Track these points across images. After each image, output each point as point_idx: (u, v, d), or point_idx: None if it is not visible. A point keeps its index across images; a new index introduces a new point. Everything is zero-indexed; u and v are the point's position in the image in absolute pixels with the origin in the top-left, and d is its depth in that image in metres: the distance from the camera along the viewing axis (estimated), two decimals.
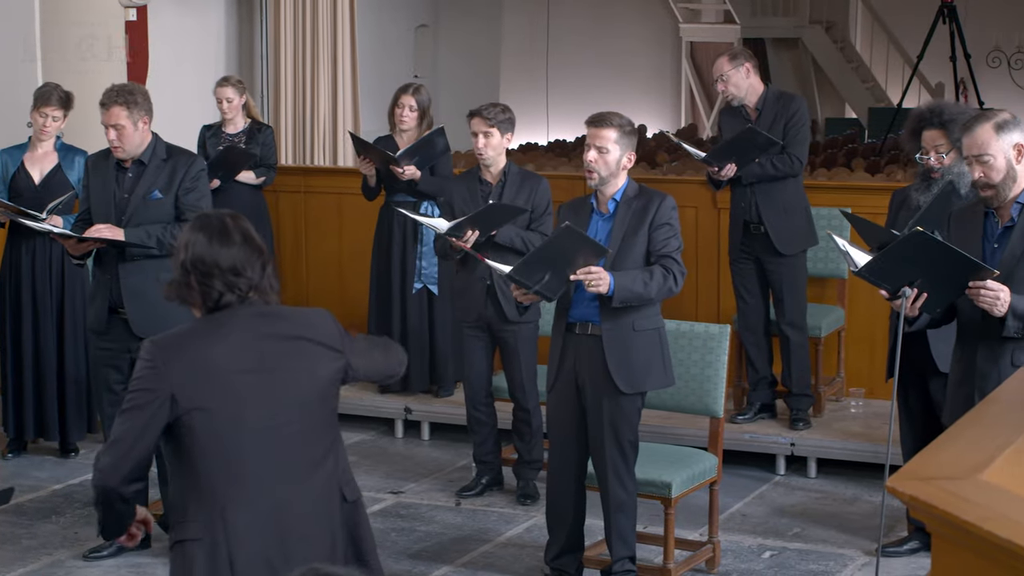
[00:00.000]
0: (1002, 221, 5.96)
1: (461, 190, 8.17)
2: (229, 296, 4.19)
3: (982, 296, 5.75)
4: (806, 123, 8.92)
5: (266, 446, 4.17)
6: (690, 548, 7.28)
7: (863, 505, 8.21)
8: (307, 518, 4.21)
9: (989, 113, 5.96)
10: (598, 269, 6.40)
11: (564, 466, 6.83)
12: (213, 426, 4.15)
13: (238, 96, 10.12)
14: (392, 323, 9.53)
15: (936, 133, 7.06)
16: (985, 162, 5.83)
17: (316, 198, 10.86)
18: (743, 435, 8.82)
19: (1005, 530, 2.97)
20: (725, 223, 9.35)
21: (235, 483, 4.15)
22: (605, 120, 6.63)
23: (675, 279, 6.59)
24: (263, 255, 4.27)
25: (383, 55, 16.63)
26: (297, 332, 4.27)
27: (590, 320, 6.61)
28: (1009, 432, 3.63)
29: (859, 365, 9.52)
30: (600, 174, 6.59)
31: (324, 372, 4.27)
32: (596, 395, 6.63)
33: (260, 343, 4.20)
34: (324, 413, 4.30)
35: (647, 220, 6.59)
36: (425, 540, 7.75)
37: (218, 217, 4.28)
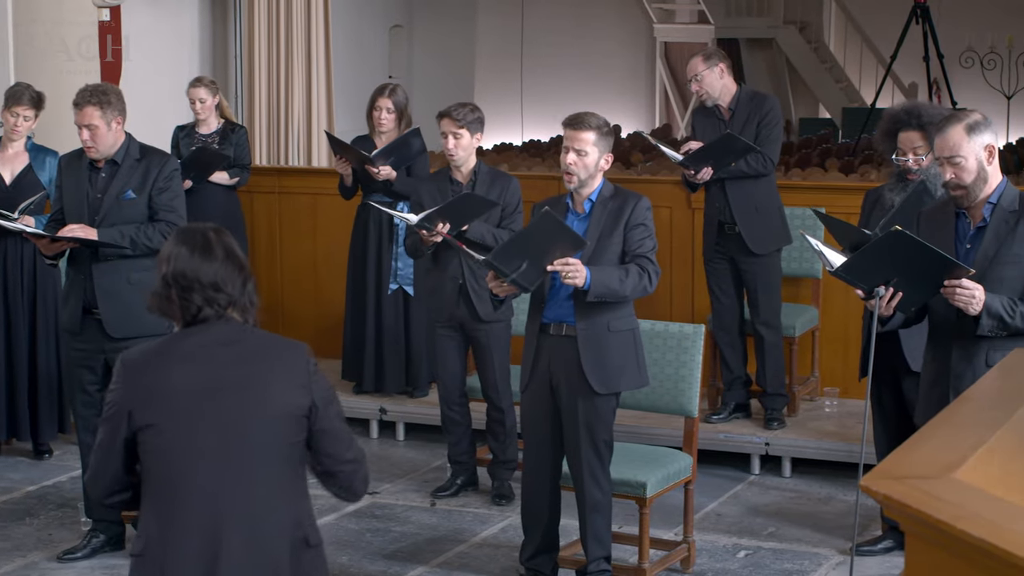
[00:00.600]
0: (974, 222, 5.98)
1: (431, 190, 8.17)
2: (208, 311, 4.15)
3: (958, 295, 5.77)
4: (779, 123, 8.93)
5: (214, 472, 4.07)
6: (665, 548, 7.29)
7: (837, 504, 8.23)
8: (248, 551, 4.07)
9: (960, 114, 5.98)
10: (575, 261, 6.40)
11: (539, 466, 6.83)
12: (163, 446, 4.09)
13: (211, 97, 10.10)
14: (367, 324, 9.52)
15: (915, 135, 7.06)
16: (957, 163, 5.85)
17: (290, 198, 10.85)
18: (718, 435, 8.83)
19: (978, 529, 2.98)
20: (700, 223, 9.36)
21: (178, 506, 4.07)
22: (583, 122, 6.62)
23: (650, 278, 6.60)
24: (244, 271, 4.22)
25: (357, 56, 16.62)
26: (261, 360, 4.15)
27: (565, 321, 6.61)
28: (982, 431, 3.64)
29: (833, 365, 9.54)
30: (579, 177, 6.58)
31: (283, 404, 4.12)
32: (571, 396, 6.63)
33: (222, 368, 4.12)
34: (282, 447, 4.13)
35: (622, 220, 6.60)
36: (400, 540, 7.74)
37: (202, 231, 4.23)
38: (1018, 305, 5.80)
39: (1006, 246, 5.88)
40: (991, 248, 5.89)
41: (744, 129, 8.71)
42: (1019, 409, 3.89)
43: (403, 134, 9.13)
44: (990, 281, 5.83)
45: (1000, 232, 5.90)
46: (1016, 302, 5.81)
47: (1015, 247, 5.87)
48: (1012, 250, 5.88)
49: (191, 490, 4.08)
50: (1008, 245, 5.88)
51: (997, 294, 5.81)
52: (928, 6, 17.47)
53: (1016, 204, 5.93)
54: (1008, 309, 5.79)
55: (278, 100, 14.31)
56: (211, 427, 4.08)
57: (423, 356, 9.57)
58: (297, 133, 14.31)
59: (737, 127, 8.73)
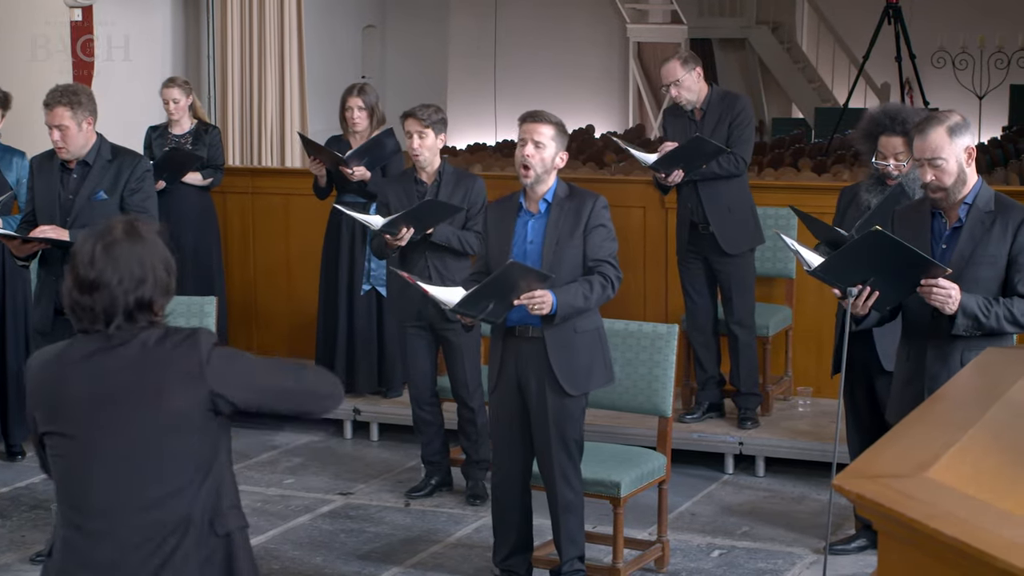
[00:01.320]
0: (950, 222, 5.99)
1: (397, 190, 8.17)
2: (91, 316, 4.07)
3: (934, 294, 5.78)
4: (750, 123, 8.94)
5: (112, 478, 4.00)
6: (639, 547, 7.29)
7: (811, 503, 8.25)
8: (155, 555, 4.00)
9: (942, 115, 5.96)
10: (542, 292, 6.37)
11: (509, 468, 6.82)
12: (62, 450, 4.05)
13: (184, 97, 10.08)
14: (339, 324, 9.51)
15: (898, 141, 7.05)
16: (938, 166, 5.86)
17: (263, 199, 10.83)
18: (691, 434, 8.84)
19: (951, 528, 2.99)
20: (673, 223, 9.37)
21: (80, 510, 4.03)
22: (541, 116, 6.61)
23: (612, 286, 6.59)
24: (139, 268, 4.10)
25: (330, 56, 16.60)
26: (156, 360, 4.02)
27: (530, 323, 6.60)
28: (954, 430, 3.65)
29: (806, 364, 9.56)
30: (536, 170, 6.53)
31: (178, 406, 4.00)
32: (540, 396, 6.62)
33: (116, 372, 4.02)
34: (183, 447, 4.02)
35: (581, 222, 6.56)
36: (374, 541, 7.74)
37: (98, 234, 4.13)
38: (993, 305, 5.82)
39: (982, 246, 5.90)
40: (967, 248, 5.91)
41: (716, 129, 8.71)
42: (991, 408, 3.91)
43: (376, 134, 9.13)
44: (966, 281, 5.84)
45: (976, 233, 5.92)
46: (991, 302, 5.82)
47: (991, 248, 5.89)
48: (988, 251, 5.89)
49: (88, 494, 4.03)
50: (984, 246, 5.90)
51: (973, 294, 5.83)
52: (900, 6, 17.51)
53: (992, 204, 5.94)
54: (983, 309, 5.80)
55: (251, 100, 14.28)
56: (107, 431, 4.00)
57: (396, 356, 9.56)
58: (270, 133, 14.28)
59: (708, 127, 8.74)
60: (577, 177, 11.77)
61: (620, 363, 7.10)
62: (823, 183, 12.68)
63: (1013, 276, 5.87)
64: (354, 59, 17.81)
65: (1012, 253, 5.87)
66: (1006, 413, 3.95)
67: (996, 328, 5.81)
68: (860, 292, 5.91)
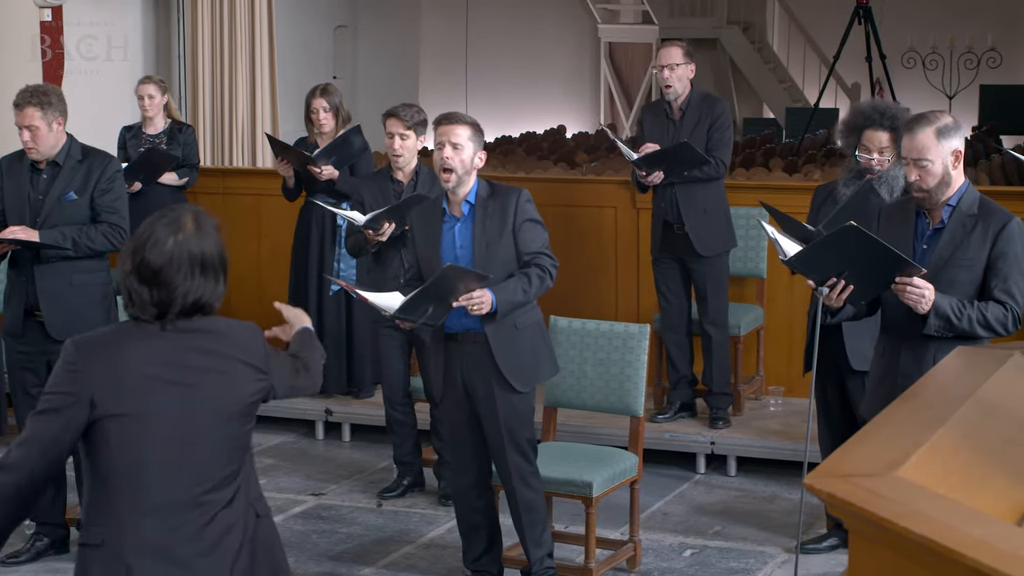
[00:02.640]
0: (933, 223, 5.99)
1: (372, 189, 8.17)
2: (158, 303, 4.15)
3: (908, 292, 5.79)
4: (730, 126, 8.94)
5: (175, 459, 4.08)
6: (611, 547, 7.30)
7: (782, 503, 8.27)
8: (210, 535, 4.10)
9: (931, 116, 5.94)
10: (480, 292, 6.35)
11: (466, 473, 6.82)
12: (125, 433, 4.06)
13: (160, 95, 10.06)
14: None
15: (884, 136, 7.03)
16: (923, 167, 5.85)
17: (234, 199, 10.81)
18: (663, 434, 8.85)
19: (921, 526, 3.00)
20: (644, 223, 9.39)
21: (139, 492, 4.07)
22: (456, 117, 6.57)
23: (550, 275, 6.56)
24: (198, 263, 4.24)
25: (301, 56, 16.58)
26: (223, 348, 4.17)
27: (471, 329, 6.58)
28: (924, 429, 3.66)
29: (778, 363, 9.58)
30: (457, 172, 6.48)
31: (245, 392, 4.17)
32: (488, 399, 6.60)
33: (184, 355, 4.11)
34: (239, 433, 4.19)
35: (509, 221, 6.52)
36: (346, 542, 7.73)
37: (175, 218, 4.28)
38: (966, 308, 5.82)
39: (961, 249, 5.89)
40: (946, 250, 5.91)
41: (695, 131, 8.71)
42: (961, 407, 3.92)
43: (343, 132, 9.12)
44: (943, 283, 5.85)
45: (956, 235, 5.91)
46: (965, 305, 5.82)
47: (970, 251, 5.88)
48: (967, 254, 5.88)
49: (151, 477, 4.08)
50: (963, 249, 5.89)
51: (948, 296, 5.84)
52: (870, 7, 17.57)
53: (975, 208, 5.93)
54: (956, 311, 5.80)
55: (222, 101, 14.25)
56: (175, 414, 4.08)
57: (367, 357, 9.55)
58: (241, 134, 14.26)
59: (687, 128, 8.73)
60: (549, 177, 11.82)
61: (592, 363, 7.11)
62: (794, 183, 12.70)
63: (990, 281, 5.87)
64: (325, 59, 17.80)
65: (991, 258, 5.86)
66: (976, 412, 3.97)
67: (968, 331, 5.81)
68: (835, 285, 5.92)
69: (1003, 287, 5.84)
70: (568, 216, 9.92)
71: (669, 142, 8.72)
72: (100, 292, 7.37)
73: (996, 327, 5.83)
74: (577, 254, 9.80)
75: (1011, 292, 5.85)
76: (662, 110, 8.90)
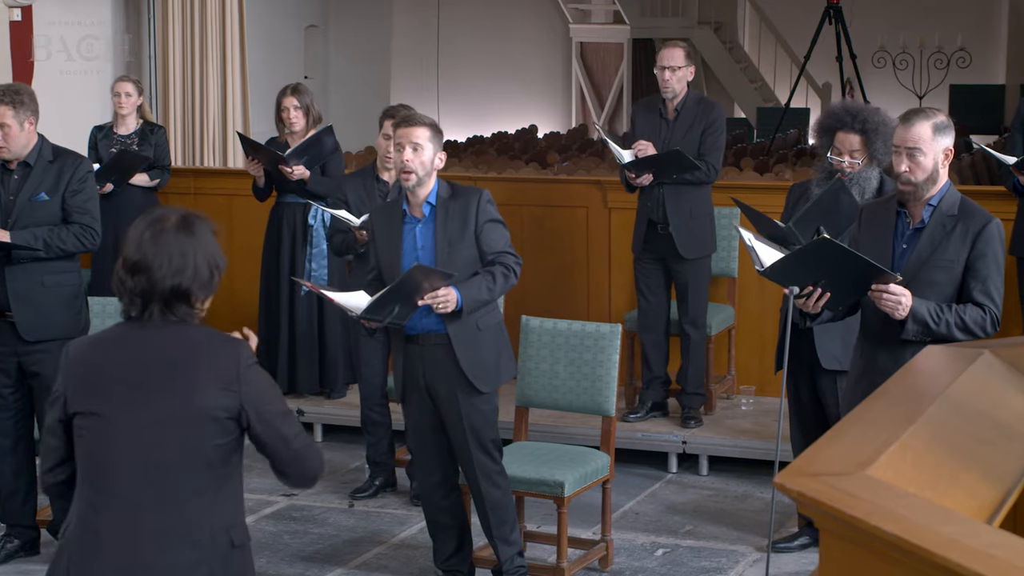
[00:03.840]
0: (913, 222, 5.99)
1: (357, 187, 8.16)
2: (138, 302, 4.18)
3: (884, 299, 5.79)
4: (724, 131, 8.93)
5: (138, 461, 4.09)
6: (583, 547, 7.31)
7: (754, 502, 8.28)
8: (164, 549, 4.08)
9: (929, 111, 5.96)
10: (445, 290, 6.36)
11: (431, 475, 6.82)
12: (94, 432, 4.13)
13: (136, 94, 10.04)
14: (280, 325, 9.49)
15: (855, 139, 7.04)
16: (915, 157, 5.83)
17: (206, 199, 10.78)
18: (635, 434, 8.86)
19: (890, 524, 3.01)
20: (616, 223, 9.40)
21: (106, 492, 4.11)
22: (415, 119, 6.57)
23: (515, 272, 6.57)
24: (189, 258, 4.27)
25: (272, 56, 16.55)
26: (193, 357, 4.15)
27: (431, 331, 6.58)
28: (895, 428, 3.67)
29: (749, 363, 9.60)
30: (418, 173, 6.46)
31: (208, 404, 4.10)
32: (451, 401, 6.61)
33: (154, 359, 4.13)
34: (207, 446, 4.11)
35: (470, 222, 6.52)
36: (318, 542, 7.72)
37: (161, 217, 4.30)
38: (944, 312, 5.81)
39: (940, 250, 5.89)
40: (925, 251, 5.91)
41: (688, 133, 8.71)
42: (931, 406, 3.94)
43: (315, 132, 9.12)
44: (921, 284, 5.85)
45: (936, 236, 5.91)
46: (943, 309, 5.82)
47: (949, 252, 5.87)
48: (946, 255, 5.88)
49: (113, 479, 4.11)
50: (942, 250, 5.89)
51: (927, 298, 5.82)
52: (841, 7, 17.63)
53: (955, 209, 5.92)
54: (934, 316, 5.80)
55: (193, 101, 14.22)
56: (136, 418, 4.10)
57: (339, 357, 9.55)
58: (212, 134, 14.23)
59: (681, 130, 8.72)
60: (520, 177, 11.82)
61: (564, 363, 7.12)
62: (765, 182, 12.73)
63: (969, 283, 5.86)
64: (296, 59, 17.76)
65: (970, 259, 5.86)
66: (945, 410, 3.98)
67: (946, 335, 5.78)
68: (812, 293, 5.92)
69: (982, 289, 5.84)
70: (540, 216, 9.93)
71: (661, 141, 8.71)
72: (71, 293, 7.34)
73: (975, 330, 5.82)
74: (549, 254, 9.81)
75: (990, 294, 5.85)
76: (656, 108, 8.88)
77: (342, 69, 18.80)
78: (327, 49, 18.78)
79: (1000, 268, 5.89)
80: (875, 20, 22.36)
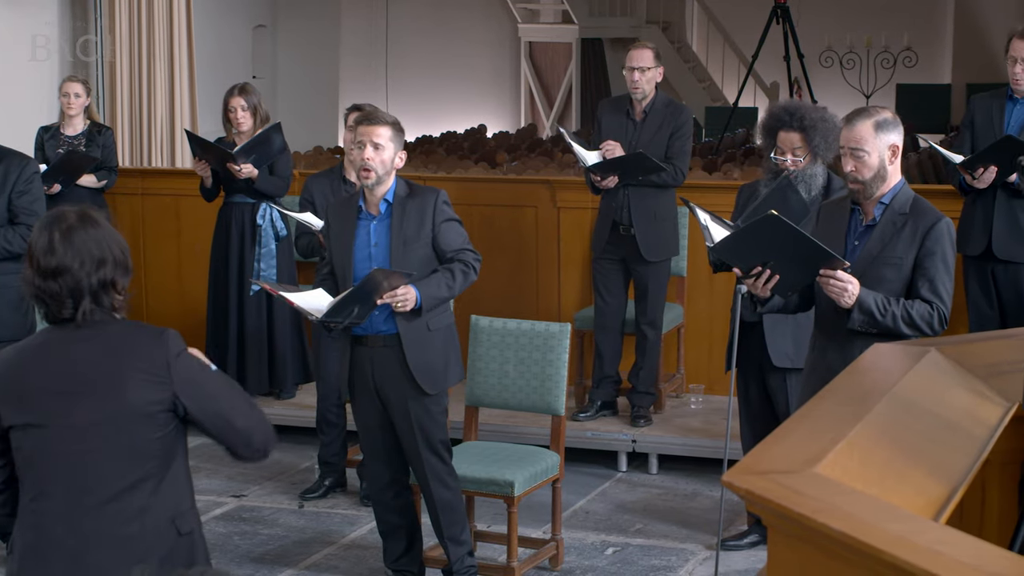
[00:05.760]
0: (865, 219, 6.02)
1: (323, 187, 8.16)
2: (62, 305, 4.14)
3: (831, 285, 5.83)
4: (691, 135, 8.93)
5: (75, 469, 4.08)
6: (533, 546, 7.31)
7: (703, 500, 8.31)
8: (110, 547, 4.08)
9: (872, 110, 6.00)
10: (404, 289, 6.37)
11: (380, 475, 6.82)
12: (28, 442, 4.10)
13: (85, 94, 10.00)
14: (229, 325, 9.46)
15: (795, 136, 7.09)
16: (859, 157, 5.88)
17: (154, 200, 10.74)
18: (585, 433, 8.88)
19: (838, 522, 3.02)
20: (565, 222, 9.41)
21: (42, 499, 4.10)
22: (378, 118, 6.57)
23: (474, 269, 6.59)
24: (98, 256, 4.21)
25: (221, 56, 16.48)
26: (118, 353, 4.12)
27: (380, 332, 6.58)
28: (842, 426, 3.69)
29: (698, 361, 9.62)
30: (377, 172, 6.48)
31: (141, 399, 4.08)
32: (400, 402, 6.61)
33: (78, 362, 4.10)
34: (143, 441, 4.10)
35: (427, 221, 6.53)
36: (268, 543, 7.70)
37: (58, 217, 4.25)
38: (891, 304, 5.84)
39: (889, 247, 5.92)
40: (875, 247, 5.95)
41: (656, 135, 8.71)
42: (878, 403, 3.96)
43: (264, 129, 9.09)
44: (870, 280, 5.89)
45: (886, 233, 5.94)
46: (891, 301, 5.85)
47: (898, 249, 5.90)
48: (895, 252, 5.90)
49: (50, 484, 4.10)
50: (892, 246, 5.92)
51: (874, 292, 5.87)
52: (788, 6, 17.67)
53: (907, 207, 5.94)
54: (880, 307, 5.83)
55: (140, 101, 14.14)
56: (68, 423, 4.07)
57: (287, 358, 9.52)
58: (160, 134, 14.16)
59: (649, 132, 8.72)
60: (469, 177, 11.81)
61: (513, 362, 7.12)
62: (714, 182, 12.76)
63: (917, 280, 5.89)
64: (245, 59, 17.69)
65: (918, 258, 5.88)
66: (893, 408, 4.00)
67: (892, 328, 5.82)
68: (761, 274, 5.94)
69: (930, 287, 5.87)
70: (489, 216, 9.93)
71: (628, 142, 8.72)
72: (17, 294, 7.26)
73: (921, 325, 5.85)
74: (498, 253, 9.81)
75: (938, 292, 5.88)
76: (623, 108, 8.88)
77: (290, 69, 18.74)
78: (275, 49, 18.72)
79: (948, 267, 5.92)
80: (822, 20, 22.45)
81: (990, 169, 8.02)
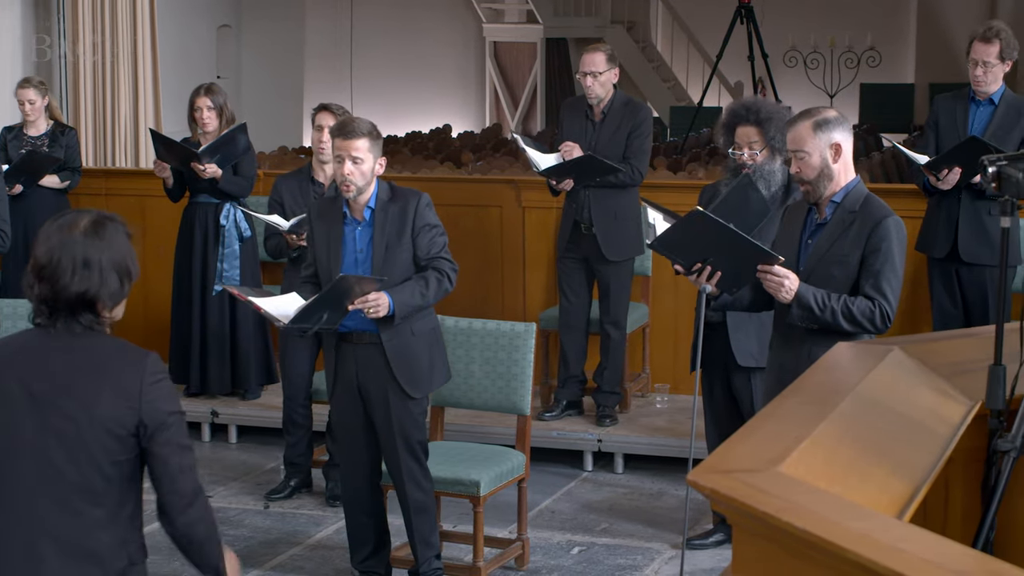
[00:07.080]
0: (819, 218, 6.06)
1: (292, 188, 8.14)
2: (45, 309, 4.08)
3: (768, 280, 5.86)
4: (650, 134, 8.94)
5: (35, 476, 4.00)
6: (499, 546, 7.32)
7: (669, 499, 8.32)
8: (64, 564, 4.00)
9: (813, 111, 6.03)
10: (376, 295, 6.36)
11: (356, 473, 6.82)
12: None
13: (40, 98, 9.95)
14: (192, 326, 9.43)
15: (752, 130, 7.11)
16: (800, 158, 5.92)
17: (118, 200, 10.70)
18: (550, 432, 8.88)
19: (802, 520, 3.03)
20: (530, 222, 9.42)
21: (9, 503, 4.03)
22: (354, 131, 6.49)
23: (449, 279, 6.59)
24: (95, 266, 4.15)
25: (185, 56, 16.43)
26: (96, 369, 4.02)
27: (366, 330, 6.58)
28: (806, 424, 3.70)
29: (664, 361, 9.64)
30: (357, 185, 6.48)
31: (107, 418, 3.97)
32: (382, 402, 6.61)
33: (57, 372, 4.01)
34: (104, 463, 3.99)
35: (408, 225, 6.53)
36: (234, 544, 7.68)
37: (72, 221, 4.18)
38: (830, 300, 5.83)
39: (837, 245, 5.94)
40: (824, 246, 5.97)
41: (614, 135, 8.72)
42: (842, 402, 3.97)
43: (229, 129, 9.07)
44: (820, 278, 5.91)
45: (835, 231, 5.96)
46: (830, 297, 5.84)
47: (845, 247, 5.91)
48: (842, 250, 5.91)
49: (9, 490, 4.03)
50: (839, 245, 5.93)
51: (813, 287, 5.88)
52: (752, 6, 17.72)
53: (858, 206, 5.96)
54: (819, 302, 5.84)
55: (104, 101, 14.09)
56: (35, 430, 4.00)
57: (251, 358, 9.50)
58: (124, 134, 14.11)
59: (608, 132, 8.73)
60: (435, 177, 11.81)
61: (479, 362, 7.12)
62: (678, 181, 12.79)
63: (862, 277, 5.91)
64: (209, 59, 17.64)
65: (864, 255, 5.90)
66: (856, 407, 4.02)
67: (832, 323, 5.82)
68: (701, 270, 5.99)
69: (873, 284, 5.86)
70: (454, 215, 9.90)
71: (587, 142, 8.73)
72: None
73: (862, 322, 5.84)
74: (463, 253, 9.76)
75: (881, 289, 5.87)
76: (583, 110, 8.89)
77: (255, 69, 18.70)
78: (239, 49, 18.67)
79: (894, 265, 5.89)
80: (786, 20, 22.52)
81: (955, 170, 8.04)
